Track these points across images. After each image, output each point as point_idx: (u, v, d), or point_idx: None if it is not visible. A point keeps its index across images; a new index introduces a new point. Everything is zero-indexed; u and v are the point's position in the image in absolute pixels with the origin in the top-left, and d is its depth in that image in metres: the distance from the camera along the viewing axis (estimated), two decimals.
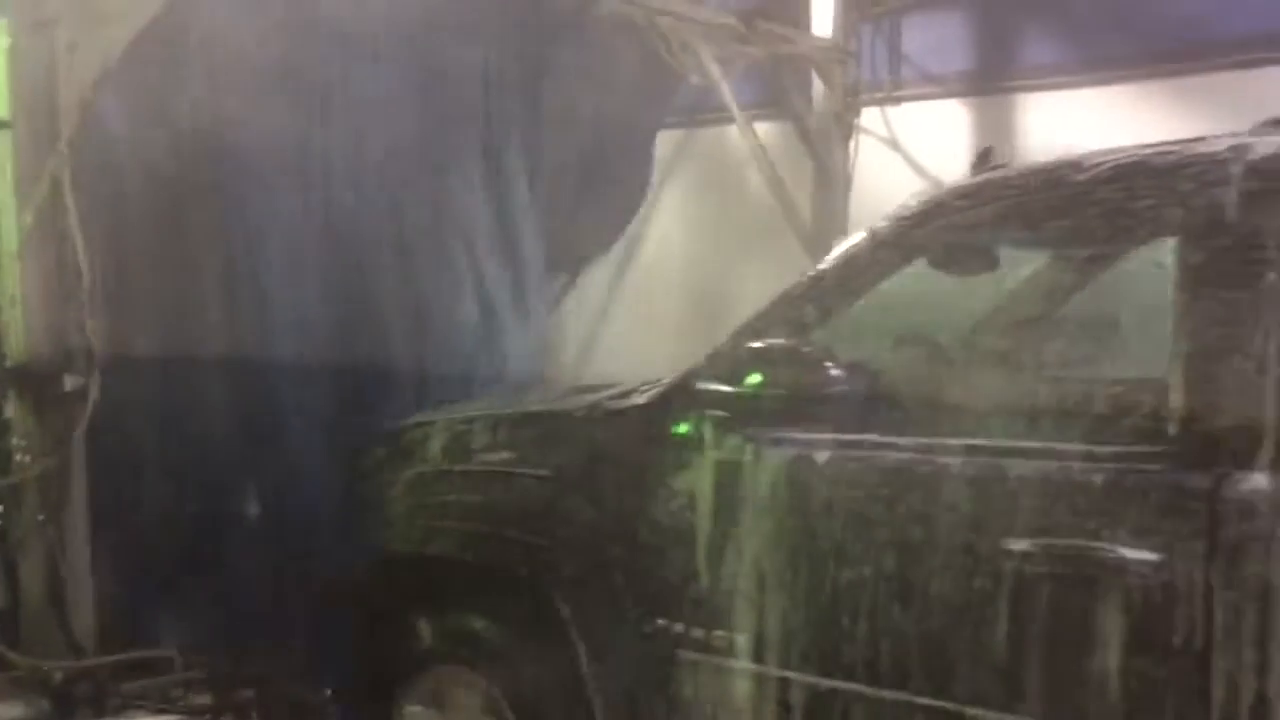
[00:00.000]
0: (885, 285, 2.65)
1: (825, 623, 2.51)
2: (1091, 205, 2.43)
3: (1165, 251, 2.33)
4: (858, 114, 7.26)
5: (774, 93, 7.43)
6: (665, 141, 7.21)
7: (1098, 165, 2.42)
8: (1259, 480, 2.04)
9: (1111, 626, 2.15)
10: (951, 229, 2.60)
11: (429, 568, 3.25)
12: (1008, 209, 2.54)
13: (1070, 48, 6.95)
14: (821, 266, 2.73)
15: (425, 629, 3.22)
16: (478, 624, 3.14)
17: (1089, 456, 2.23)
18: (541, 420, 3.22)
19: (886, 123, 7.24)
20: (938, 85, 7.14)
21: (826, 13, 7.14)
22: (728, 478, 2.68)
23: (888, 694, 2.42)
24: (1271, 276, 2.12)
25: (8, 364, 3.59)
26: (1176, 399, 2.17)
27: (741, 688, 2.66)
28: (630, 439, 2.89)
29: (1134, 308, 2.50)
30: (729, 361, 2.73)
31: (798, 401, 2.57)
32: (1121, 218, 2.39)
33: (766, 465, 2.62)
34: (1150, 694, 2.10)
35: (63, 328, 3.64)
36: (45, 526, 3.58)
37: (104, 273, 3.86)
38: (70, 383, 3.58)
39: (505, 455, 3.11)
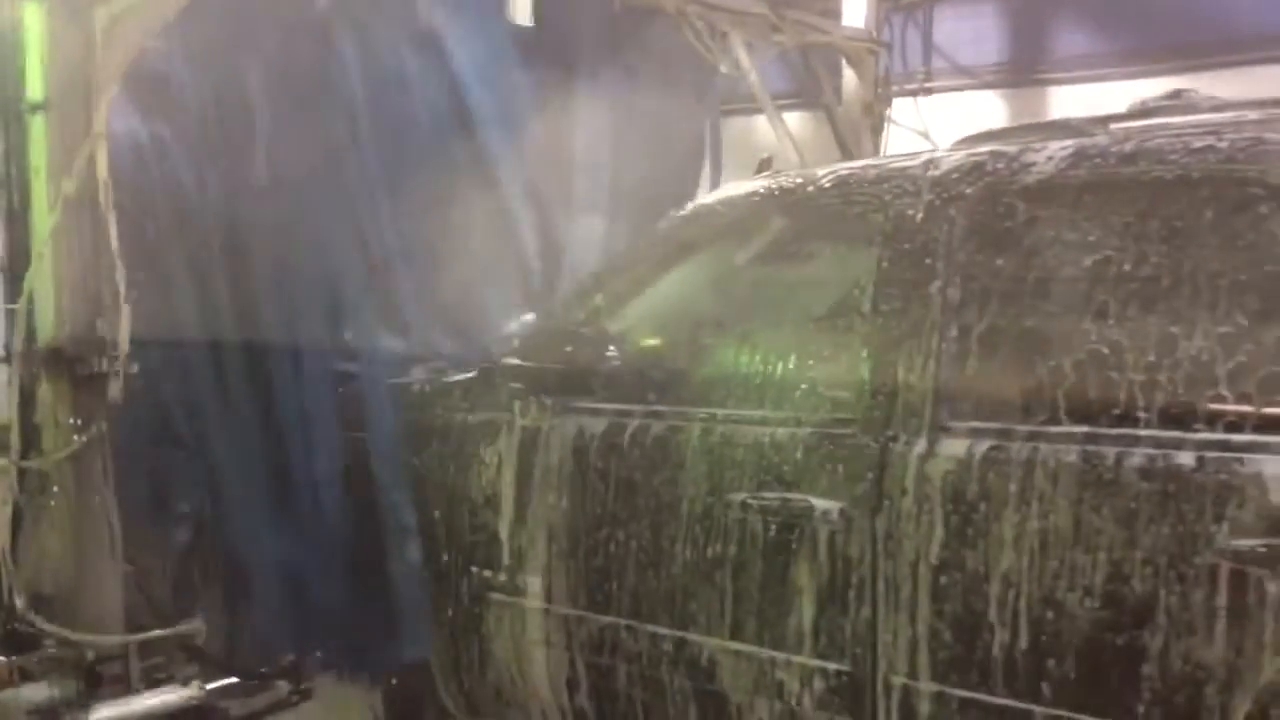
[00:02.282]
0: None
1: (600, 568, 2.92)
2: (815, 211, 2.87)
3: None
4: (889, 105, 7.16)
5: (804, 82, 7.33)
6: None
7: (825, 176, 2.85)
8: (919, 445, 2.44)
9: (808, 563, 2.58)
10: (712, 230, 3.04)
11: None
12: (751, 212, 2.98)
13: (1103, 39, 6.83)
14: (612, 260, 3.21)
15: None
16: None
17: (796, 423, 2.65)
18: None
19: (918, 114, 7.12)
20: (970, 76, 7.04)
21: (858, 2, 7.03)
22: (528, 444, 3.10)
23: (647, 627, 2.84)
24: (940, 279, 2.49)
25: (38, 345, 3.53)
26: (860, 377, 2.58)
27: (535, 623, 3.09)
28: (452, 410, 3.32)
29: (841, 299, 2.83)
30: (531, 341, 3.25)
31: (582, 376, 2.98)
32: (838, 222, 2.83)
33: (557, 432, 3.04)
34: (836, 613, 2.53)
35: (94, 310, 3.58)
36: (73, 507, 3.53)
37: (136, 256, 3.80)
38: (100, 365, 3.53)
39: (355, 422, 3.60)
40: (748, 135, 7.36)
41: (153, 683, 3.61)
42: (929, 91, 7.12)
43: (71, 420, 3.55)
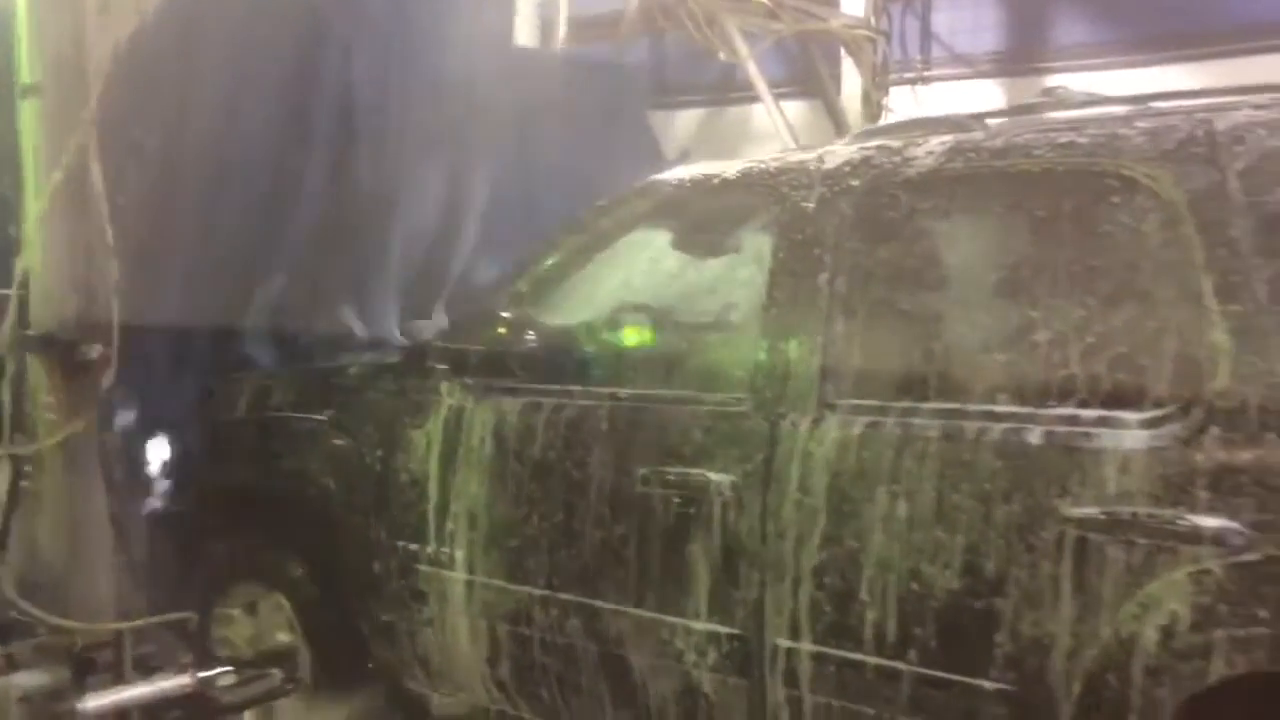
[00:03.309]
0: None
1: (517, 542, 3.01)
2: (721, 201, 2.99)
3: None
4: (887, 93, 7.12)
5: (802, 71, 7.28)
6: (690, 119, 7.07)
7: (732, 168, 2.96)
8: (806, 422, 2.52)
9: (704, 535, 2.64)
10: (625, 219, 3.10)
11: (238, 499, 3.74)
12: (664, 202, 3.07)
13: (1102, 28, 6.79)
14: (536, 246, 3.29)
15: (234, 550, 3.75)
16: (269, 544, 3.65)
17: (696, 401, 2.74)
18: (325, 376, 3.74)
19: (916, 102, 7.07)
20: (968, 65, 7.00)
21: None
22: (452, 424, 3.17)
23: (559, 597, 2.92)
24: (828, 267, 2.58)
25: (31, 331, 3.49)
26: (755, 359, 2.66)
27: (459, 594, 3.14)
28: (384, 392, 3.39)
29: (739, 286, 2.91)
30: (457, 324, 3.33)
31: (502, 358, 3.07)
32: (740, 213, 2.93)
33: (479, 412, 3.12)
34: (729, 579, 2.60)
35: (87, 295, 3.54)
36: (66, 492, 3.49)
37: (129, 240, 3.75)
38: (93, 350, 3.48)
39: (293, 405, 3.66)
40: (744, 124, 7.33)
41: (145, 670, 3.58)
42: (927, 80, 7.08)
43: (63, 407, 3.51)
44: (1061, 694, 2.14)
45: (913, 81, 7.07)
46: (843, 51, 7.08)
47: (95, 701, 3.32)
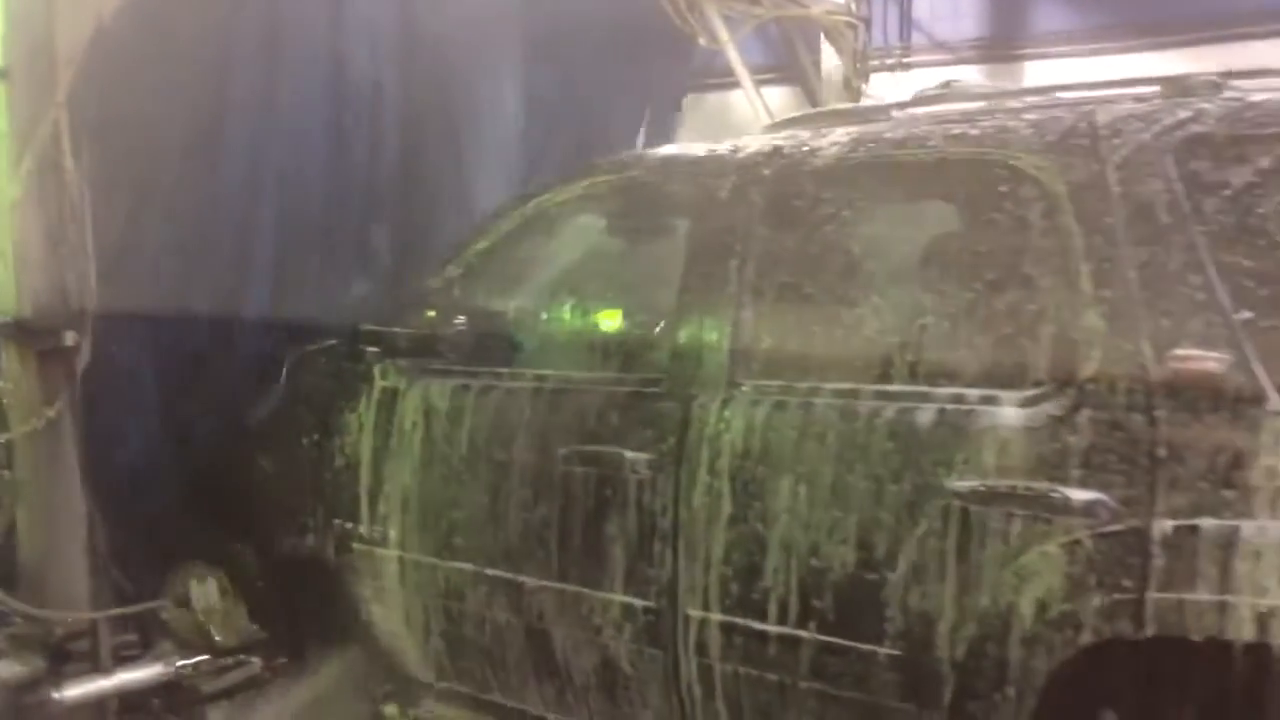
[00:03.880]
0: None
1: (447, 519, 3.09)
2: (643, 189, 3.07)
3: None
4: (867, 79, 7.10)
5: (783, 56, 7.26)
6: None
7: (655, 156, 3.10)
8: (715, 402, 2.61)
9: (621, 511, 2.73)
10: (553, 206, 3.17)
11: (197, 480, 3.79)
12: (590, 191, 3.13)
13: (1081, 15, 6.80)
14: (468, 232, 3.38)
15: (184, 530, 3.81)
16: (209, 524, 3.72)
17: (617, 383, 2.85)
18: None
19: (896, 89, 7.05)
20: (948, 52, 7.01)
21: None
22: (385, 405, 3.25)
23: (486, 572, 3.01)
24: (739, 253, 2.67)
25: (2, 318, 3.44)
26: (670, 341, 2.76)
27: (392, 571, 3.23)
28: (323, 374, 3.48)
29: (658, 271, 2.98)
30: (392, 307, 3.39)
31: (433, 341, 3.18)
32: (661, 200, 3.01)
33: (411, 394, 3.19)
34: (644, 554, 2.70)
35: (59, 282, 3.50)
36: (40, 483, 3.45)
37: (102, 226, 3.70)
38: (66, 338, 3.44)
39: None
40: (725, 110, 7.30)
41: (123, 660, 3.55)
42: (907, 67, 7.06)
43: (38, 394, 3.47)
44: (946, 660, 2.26)
45: (893, 68, 7.05)
46: (823, 38, 7.05)
47: (72, 691, 3.30)
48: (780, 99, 7.16)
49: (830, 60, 7.07)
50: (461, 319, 3.14)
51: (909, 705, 2.32)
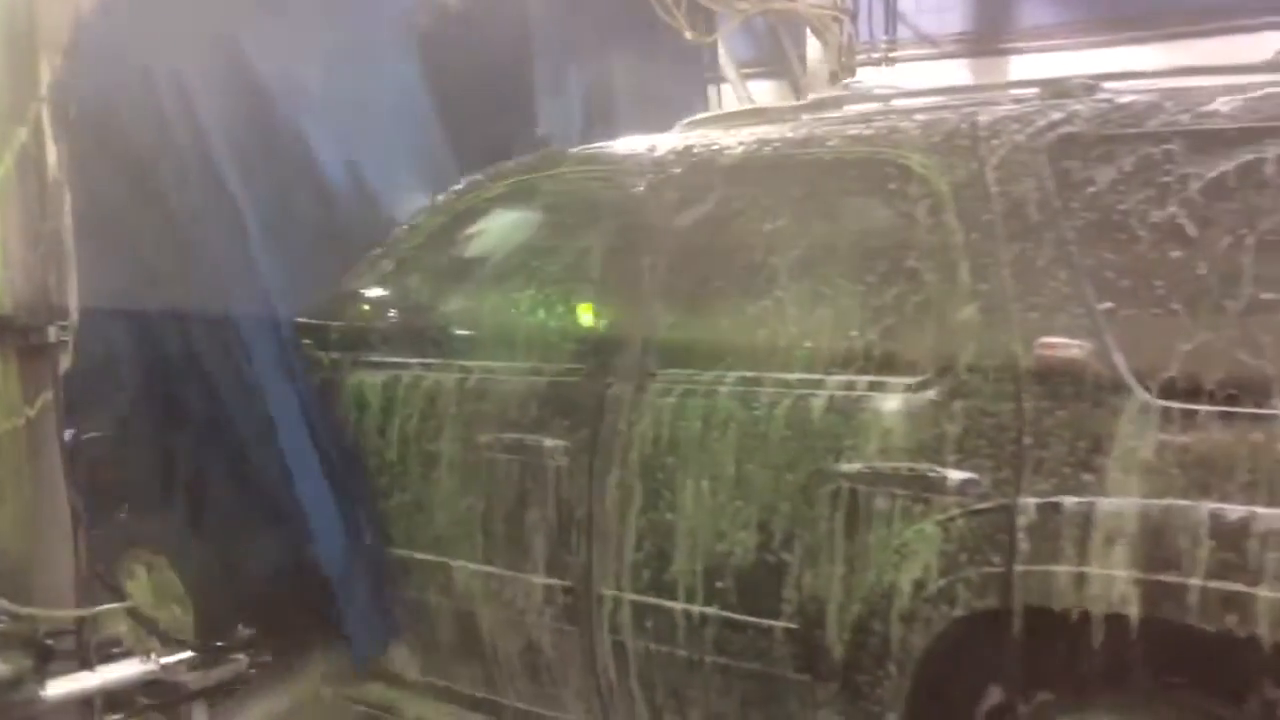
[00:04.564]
0: None
1: (382, 507, 3.24)
2: (566, 184, 3.21)
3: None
4: (853, 74, 7.11)
5: (769, 51, 7.27)
6: None
7: (580, 152, 3.25)
8: (629, 390, 2.75)
9: (541, 495, 2.87)
10: (481, 202, 3.33)
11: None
12: (515, 187, 3.30)
13: (1064, 9, 6.83)
14: (400, 227, 3.52)
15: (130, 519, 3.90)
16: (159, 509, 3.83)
17: (535, 371, 2.99)
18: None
19: (883, 83, 7.07)
20: (933, 46, 7.04)
21: None
22: (325, 394, 3.38)
23: (417, 556, 3.15)
24: (652, 247, 2.81)
25: None
26: (589, 332, 2.95)
27: None
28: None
29: (577, 264, 3.12)
30: (328, 300, 3.51)
31: (365, 333, 3.35)
32: (583, 195, 3.14)
33: (346, 385, 3.33)
34: (562, 535, 2.85)
35: (40, 278, 3.46)
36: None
37: (87, 222, 3.67)
38: (50, 334, 3.41)
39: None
40: (712, 104, 7.29)
41: (108, 657, 3.52)
42: (893, 61, 7.09)
43: (19, 392, 3.44)
44: (835, 635, 2.42)
45: (879, 62, 7.07)
46: (809, 32, 7.06)
47: (57, 688, 3.27)
48: (766, 93, 7.17)
49: (816, 54, 7.08)
50: (393, 311, 3.29)
51: (805, 676, 2.47)
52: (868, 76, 7.11)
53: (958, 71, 6.94)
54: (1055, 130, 2.33)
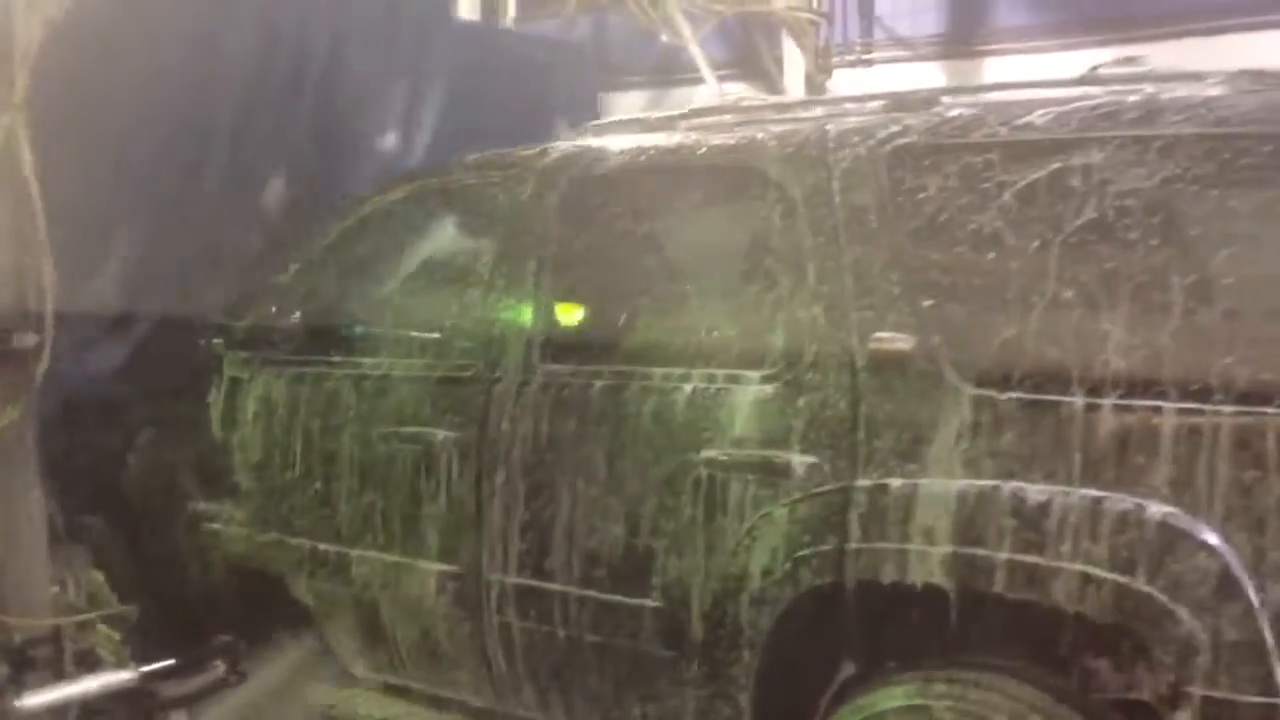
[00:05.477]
0: None
1: (289, 499, 3.42)
2: (461, 190, 3.40)
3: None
4: (829, 75, 7.20)
5: (745, 53, 7.32)
6: (634, 100, 7.08)
7: (468, 162, 3.40)
8: (514, 385, 2.96)
9: (434, 485, 3.07)
10: (383, 207, 3.50)
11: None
12: (414, 193, 3.49)
13: (1039, 12, 6.92)
14: (311, 231, 3.72)
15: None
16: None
17: (430, 368, 3.20)
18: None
19: (858, 85, 7.14)
20: (909, 48, 7.09)
21: None
22: (231, 394, 3.60)
23: (320, 546, 3.35)
24: (537, 250, 3.03)
25: None
26: (480, 330, 3.11)
27: (239, 546, 3.62)
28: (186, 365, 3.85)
29: (469, 267, 3.29)
30: (242, 303, 3.74)
31: (273, 334, 3.53)
32: (476, 201, 3.31)
33: (254, 383, 3.54)
34: (454, 526, 3.05)
35: (17, 284, 3.46)
36: None
37: (61, 227, 3.67)
38: (25, 339, 3.41)
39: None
40: (688, 106, 7.34)
41: (86, 666, 3.52)
42: (869, 63, 7.15)
43: None
44: (696, 612, 2.63)
45: (854, 64, 7.13)
46: (785, 33, 7.11)
47: (34, 699, 3.27)
48: (745, 94, 7.21)
49: (793, 56, 7.14)
50: (298, 313, 3.50)
51: (671, 653, 2.69)
52: (844, 79, 7.17)
53: (933, 74, 7.00)
54: (892, 142, 2.54)
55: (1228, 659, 2.03)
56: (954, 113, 2.53)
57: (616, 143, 3.03)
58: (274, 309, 3.56)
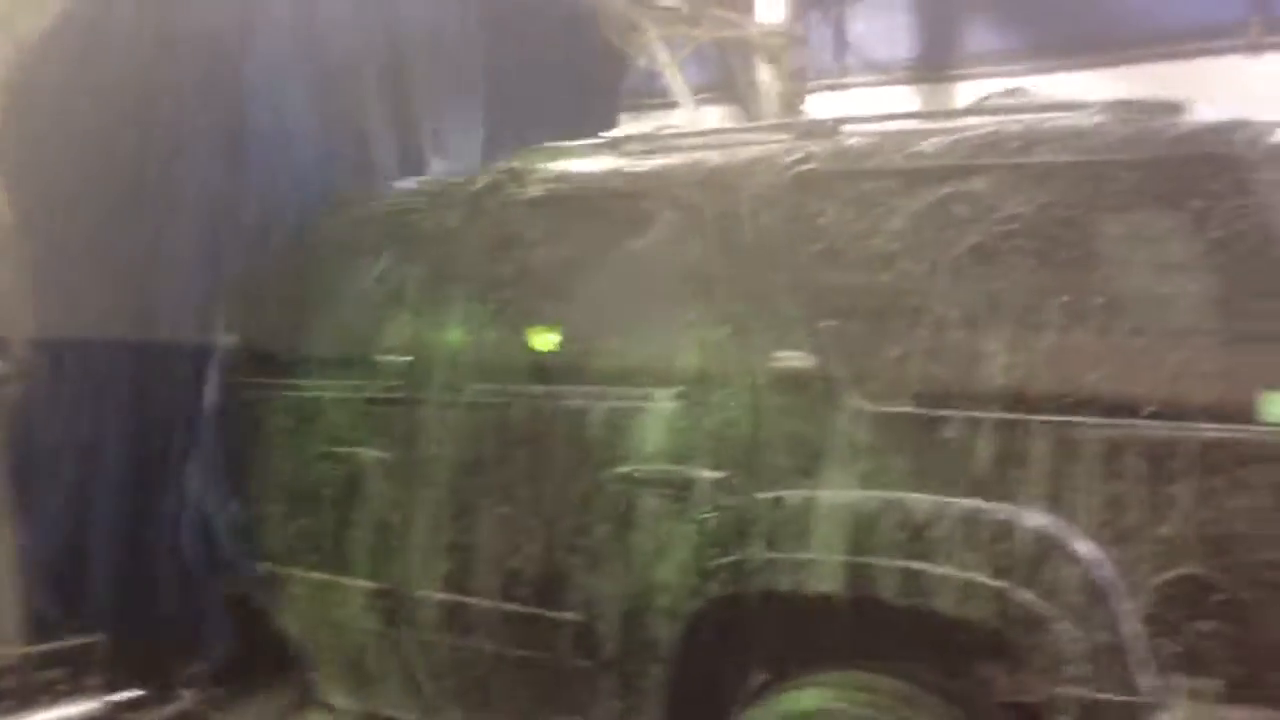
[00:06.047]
0: None
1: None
2: (393, 218, 3.51)
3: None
4: (804, 99, 7.33)
5: (721, 77, 7.48)
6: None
7: (400, 189, 3.61)
8: (440, 404, 3.09)
9: (365, 503, 3.22)
10: (321, 232, 3.63)
11: None
12: (350, 218, 3.62)
13: (1014, 35, 7.05)
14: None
15: None
16: None
17: (358, 389, 3.33)
18: None
19: (833, 109, 7.28)
20: (883, 72, 7.24)
21: None
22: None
23: (278, 569, 3.45)
24: (463, 274, 3.16)
25: None
26: (409, 351, 3.24)
27: None
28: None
29: (399, 290, 3.39)
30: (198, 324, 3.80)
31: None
32: (406, 227, 3.41)
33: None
34: (383, 543, 3.17)
35: None
36: None
37: (32, 257, 3.82)
38: None
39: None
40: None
41: (53, 695, 3.60)
42: (844, 87, 7.31)
43: None
44: (610, 625, 2.76)
45: (829, 88, 7.29)
46: (760, 58, 7.28)
47: None
48: (720, 119, 7.37)
49: (768, 80, 7.30)
50: (235, 335, 3.63)
51: (588, 663, 2.81)
52: (818, 103, 7.33)
53: (907, 98, 7.16)
54: (796, 168, 2.68)
55: (1096, 662, 2.16)
56: (853, 141, 2.68)
57: (543, 169, 3.17)
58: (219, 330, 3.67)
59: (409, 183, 3.59)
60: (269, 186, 4.14)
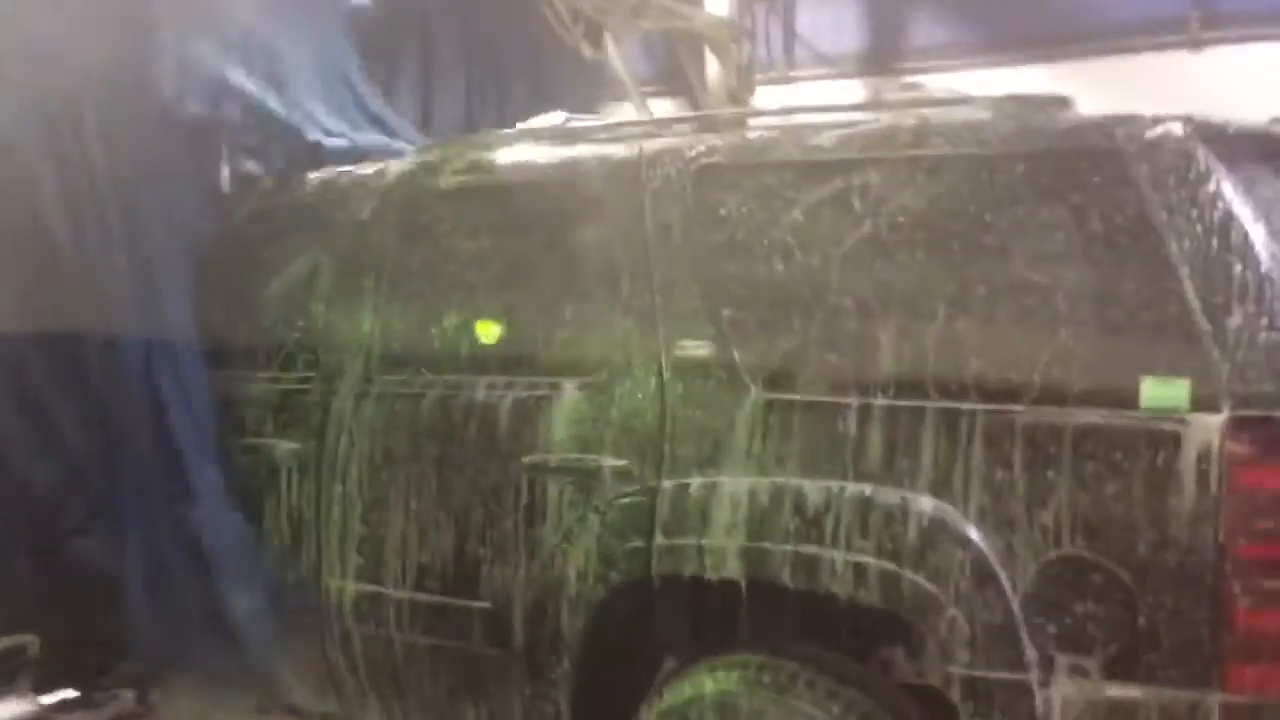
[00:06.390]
0: None
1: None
2: (308, 208, 3.54)
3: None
4: (752, 93, 7.38)
5: (669, 69, 7.51)
6: (559, 117, 7.26)
7: (311, 180, 3.59)
8: (351, 396, 3.17)
9: (280, 495, 3.26)
10: (238, 222, 3.67)
11: None
12: (261, 207, 3.66)
13: (963, 29, 7.14)
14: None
15: None
16: None
17: (277, 380, 3.39)
18: None
19: (780, 101, 7.35)
20: (831, 66, 7.30)
21: None
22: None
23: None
24: (374, 266, 3.21)
25: None
26: (322, 343, 3.30)
27: None
28: None
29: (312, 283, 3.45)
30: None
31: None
32: (326, 218, 3.42)
33: None
34: (296, 531, 3.24)
35: None
36: None
37: None
38: None
39: None
40: None
41: None
42: (792, 80, 7.37)
43: None
44: (519, 613, 2.83)
45: (776, 81, 7.35)
46: (707, 50, 7.32)
47: None
48: (666, 111, 7.41)
49: (715, 72, 7.34)
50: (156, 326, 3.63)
51: (497, 650, 2.88)
52: (766, 96, 7.39)
53: (855, 91, 7.22)
54: (698, 161, 2.76)
55: (986, 642, 2.25)
56: (755, 134, 2.78)
57: (453, 161, 3.23)
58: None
59: (324, 173, 3.62)
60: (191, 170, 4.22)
